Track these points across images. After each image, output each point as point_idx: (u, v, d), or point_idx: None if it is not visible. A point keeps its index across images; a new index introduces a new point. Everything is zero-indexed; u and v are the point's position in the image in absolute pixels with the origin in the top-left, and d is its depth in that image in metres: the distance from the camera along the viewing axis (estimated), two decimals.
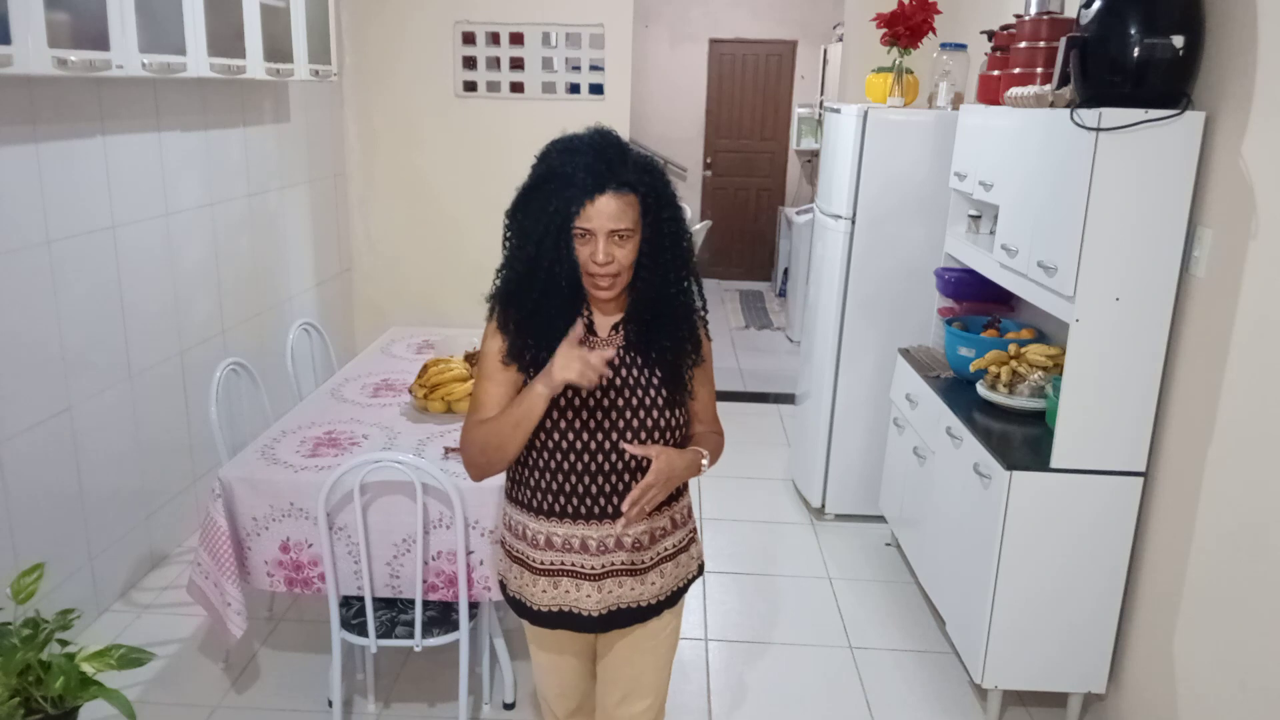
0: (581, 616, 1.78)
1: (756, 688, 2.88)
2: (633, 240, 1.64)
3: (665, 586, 1.83)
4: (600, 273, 1.64)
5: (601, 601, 1.77)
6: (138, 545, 3.34)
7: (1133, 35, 2.24)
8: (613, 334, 1.75)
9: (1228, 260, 2.22)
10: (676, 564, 1.85)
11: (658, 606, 1.83)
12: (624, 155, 1.64)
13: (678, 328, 1.74)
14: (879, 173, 3.58)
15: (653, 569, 1.80)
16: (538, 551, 1.78)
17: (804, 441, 4.12)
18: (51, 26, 2.38)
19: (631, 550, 1.77)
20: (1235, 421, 2.18)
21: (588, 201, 1.59)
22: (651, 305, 1.71)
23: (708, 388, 1.86)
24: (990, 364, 2.94)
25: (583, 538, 1.75)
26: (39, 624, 2.19)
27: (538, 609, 1.80)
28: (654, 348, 1.73)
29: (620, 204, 1.61)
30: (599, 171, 1.60)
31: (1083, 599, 2.57)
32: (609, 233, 1.61)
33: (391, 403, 2.99)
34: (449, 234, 5.25)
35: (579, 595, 1.77)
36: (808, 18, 8.18)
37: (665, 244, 1.68)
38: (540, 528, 1.77)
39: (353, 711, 2.71)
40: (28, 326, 2.76)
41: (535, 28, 5.02)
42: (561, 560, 1.76)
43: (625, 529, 1.73)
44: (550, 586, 1.78)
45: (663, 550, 1.82)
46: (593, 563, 1.76)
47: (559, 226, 1.60)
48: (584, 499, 1.73)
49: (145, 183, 3.29)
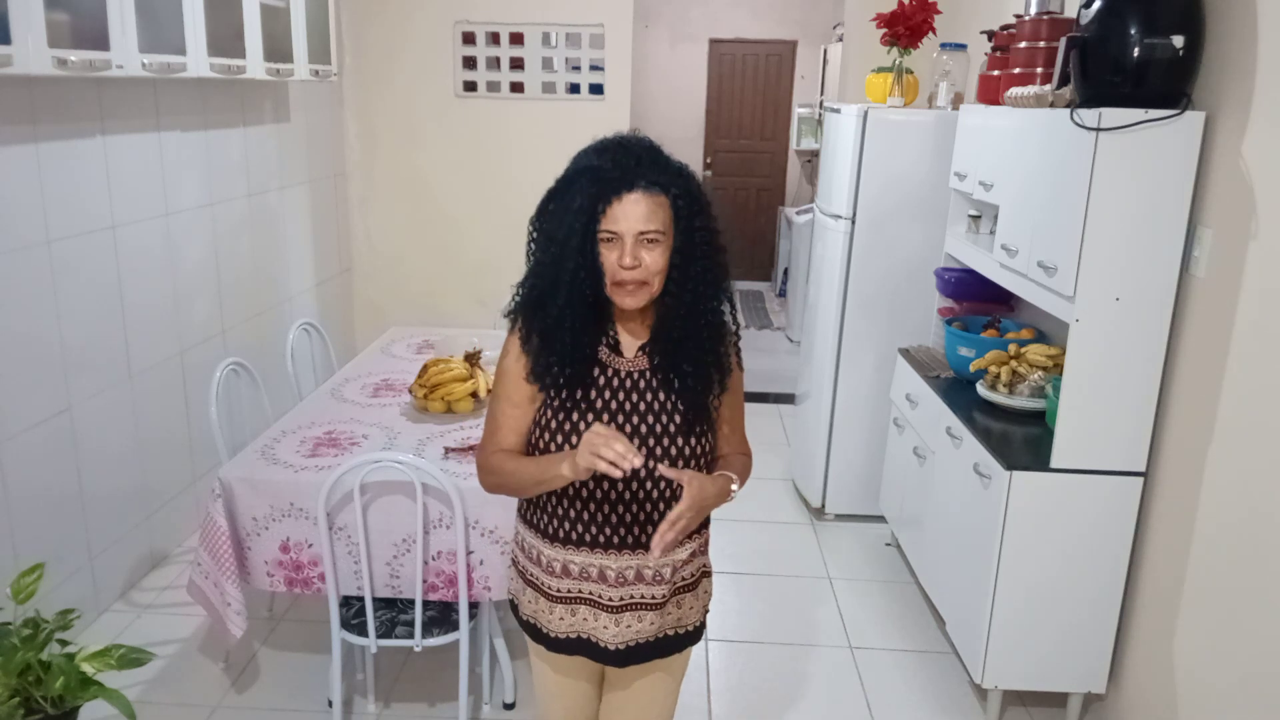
0: (600, 647, 1.71)
1: (756, 688, 2.88)
2: (663, 247, 1.53)
3: (684, 619, 1.76)
4: (628, 278, 1.53)
5: (620, 636, 1.69)
6: (138, 545, 3.34)
7: (1133, 35, 2.24)
8: (639, 355, 1.64)
9: (1228, 260, 2.22)
10: (695, 595, 1.78)
11: (679, 641, 1.77)
12: (656, 154, 1.56)
13: (706, 352, 1.62)
14: (879, 173, 3.58)
15: (670, 600, 1.73)
16: (554, 579, 1.70)
17: (804, 441, 4.12)
18: (51, 26, 2.38)
19: (653, 583, 1.68)
20: (1235, 421, 2.18)
21: (615, 199, 1.50)
22: (680, 323, 1.58)
23: (736, 411, 1.75)
24: (990, 364, 2.94)
25: (601, 567, 1.66)
26: (39, 624, 2.19)
27: (555, 636, 1.73)
28: (677, 372, 1.61)
29: (650, 204, 1.51)
30: (627, 167, 1.51)
31: (1083, 599, 2.57)
32: (637, 234, 1.51)
33: (391, 403, 2.99)
34: (449, 234, 5.25)
35: (597, 625, 1.69)
36: (808, 18, 8.18)
37: (698, 255, 1.56)
38: (556, 555, 1.69)
39: (353, 711, 2.71)
40: (28, 326, 2.76)
41: (535, 28, 5.02)
42: (580, 589, 1.69)
43: (657, 559, 1.63)
44: (568, 614, 1.71)
45: (684, 577, 1.74)
46: (611, 594, 1.68)
47: (584, 226, 1.50)
48: (603, 528, 1.64)
49: (145, 183, 3.29)
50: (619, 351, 1.64)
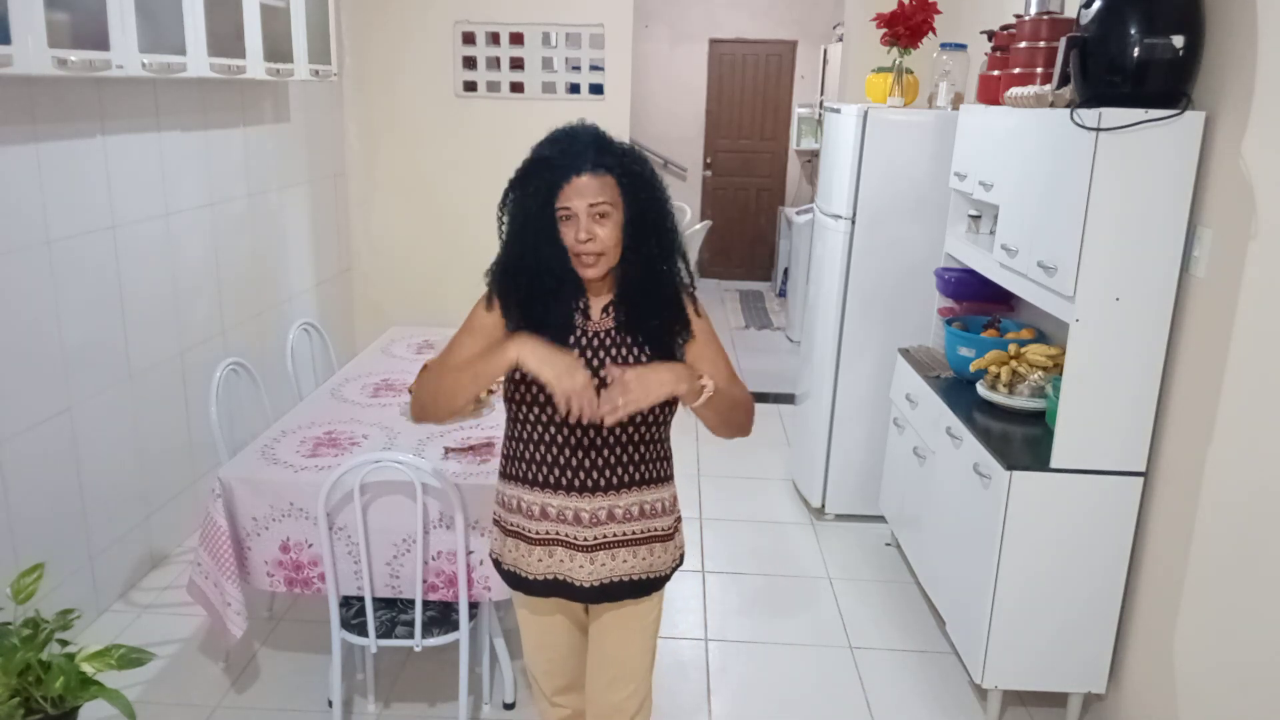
0: (575, 586, 1.82)
1: (756, 688, 2.88)
2: (613, 219, 1.71)
3: (655, 565, 1.87)
4: (583, 250, 1.71)
5: (595, 573, 1.81)
6: (138, 545, 3.34)
7: (1133, 35, 2.24)
8: (604, 315, 1.80)
9: (1228, 260, 2.22)
10: (665, 548, 1.89)
11: (651, 583, 1.87)
12: (599, 141, 1.73)
13: (666, 307, 1.79)
14: (879, 173, 3.58)
15: (643, 544, 1.84)
16: (532, 522, 1.82)
17: (804, 441, 4.12)
18: (51, 26, 2.38)
19: (623, 521, 1.81)
20: (1235, 421, 2.18)
21: (565, 184, 1.68)
22: (639, 285, 1.78)
23: (713, 356, 1.84)
24: (990, 364, 2.94)
25: (575, 510, 1.80)
26: (39, 624, 2.20)
27: (532, 578, 1.85)
28: (642, 328, 1.78)
29: (597, 183, 1.69)
30: (575, 153, 1.70)
31: (1083, 599, 2.57)
32: (588, 208, 1.68)
33: (391, 403, 2.99)
34: (449, 234, 5.25)
35: (572, 565, 1.82)
36: (808, 18, 8.18)
37: (648, 224, 1.75)
38: (535, 499, 1.81)
39: (353, 711, 2.71)
40: (28, 326, 2.76)
41: (535, 28, 5.03)
42: (556, 530, 1.81)
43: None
44: (545, 555, 1.82)
45: (654, 530, 1.86)
46: (585, 534, 1.80)
47: (541, 206, 1.69)
48: (577, 472, 1.78)
49: (145, 183, 3.29)
50: (587, 315, 1.81)
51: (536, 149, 1.76)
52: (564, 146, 1.72)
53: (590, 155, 1.70)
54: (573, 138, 1.73)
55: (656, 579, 1.89)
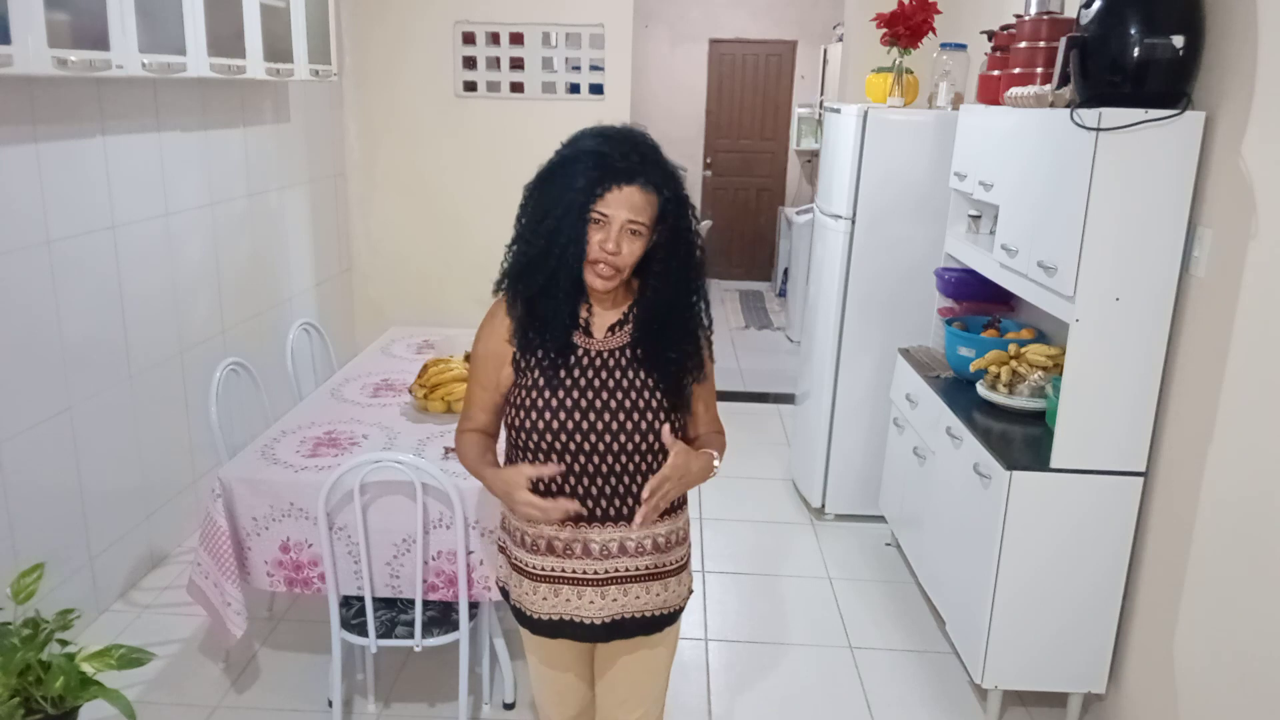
0: (583, 625, 1.76)
1: (756, 688, 2.88)
2: (642, 240, 1.64)
3: (668, 601, 1.81)
4: (606, 260, 1.63)
5: (605, 609, 1.75)
6: (138, 545, 3.34)
7: (1133, 35, 2.24)
8: (609, 334, 1.72)
9: (1228, 260, 2.22)
10: (679, 580, 1.83)
11: (663, 620, 1.81)
12: (657, 155, 1.65)
13: (683, 342, 1.72)
14: (879, 173, 3.58)
15: (657, 580, 1.78)
16: (536, 557, 1.76)
17: (804, 441, 4.12)
18: (51, 26, 2.38)
19: (635, 555, 1.75)
20: (1235, 421, 2.18)
21: (615, 187, 1.59)
22: (662, 313, 1.70)
23: (709, 400, 1.84)
24: (990, 364, 2.94)
25: (585, 541, 1.73)
26: (39, 624, 2.20)
27: (536, 617, 1.78)
28: (659, 358, 1.71)
29: (643, 199, 1.61)
30: (633, 161, 1.61)
31: (1083, 599, 2.57)
32: (625, 223, 1.61)
33: (391, 403, 2.99)
34: (449, 234, 5.25)
35: (580, 603, 1.75)
36: (808, 18, 8.18)
37: (679, 253, 1.68)
38: (540, 531, 1.74)
39: (353, 711, 2.71)
40: (28, 326, 2.76)
41: (535, 28, 5.02)
42: (562, 566, 1.74)
43: (639, 529, 1.72)
44: (550, 594, 1.76)
45: (668, 563, 1.80)
46: (596, 567, 1.74)
47: (581, 205, 1.60)
48: (584, 500, 1.70)
49: (145, 183, 3.29)
50: (590, 333, 1.72)
51: (585, 143, 1.64)
52: (623, 150, 1.61)
53: (647, 168, 1.61)
54: (631, 143, 1.63)
55: (671, 614, 1.82)
